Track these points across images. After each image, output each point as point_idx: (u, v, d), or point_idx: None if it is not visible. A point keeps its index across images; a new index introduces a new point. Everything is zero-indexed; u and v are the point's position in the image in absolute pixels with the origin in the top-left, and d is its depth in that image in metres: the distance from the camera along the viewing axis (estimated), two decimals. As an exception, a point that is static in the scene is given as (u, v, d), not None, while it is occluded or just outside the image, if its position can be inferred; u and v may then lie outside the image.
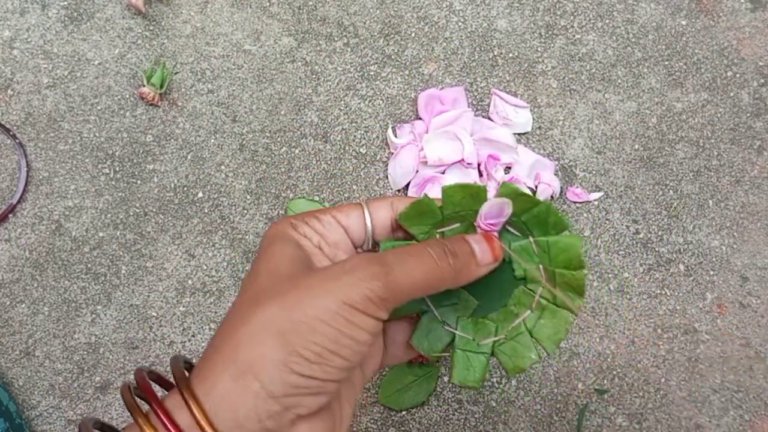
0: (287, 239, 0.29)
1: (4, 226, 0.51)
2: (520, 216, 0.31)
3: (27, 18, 0.55)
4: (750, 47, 0.58)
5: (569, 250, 0.30)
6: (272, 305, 0.25)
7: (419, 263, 0.27)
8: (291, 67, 0.56)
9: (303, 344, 0.24)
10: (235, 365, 0.24)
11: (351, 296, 0.25)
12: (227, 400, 0.24)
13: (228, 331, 0.26)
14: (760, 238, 0.55)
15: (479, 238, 0.30)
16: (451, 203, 0.30)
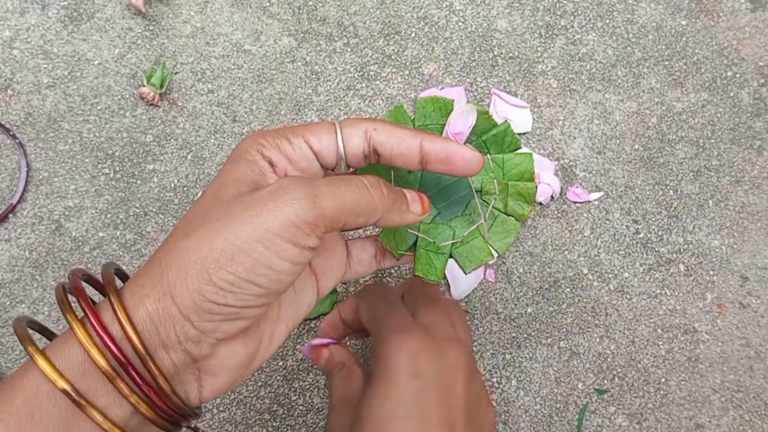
0: (246, 159, 0.28)
1: (4, 226, 0.51)
2: (480, 136, 0.35)
3: (27, 18, 0.55)
4: (750, 47, 0.58)
5: (521, 165, 0.35)
6: (201, 231, 0.25)
7: (351, 189, 0.27)
8: (291, 67, 0.56)
9: (217, 273, 0.24)
10: (160, 287, 0.25)
11: (272, 222, 0.25)
12: (152, 318, 0.25)
13: (159, 254, 0.26)
14: (760, 238, 0.55)
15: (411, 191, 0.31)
16: (422, 115, 0.34)
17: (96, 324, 0.25)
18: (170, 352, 0.25)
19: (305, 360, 0.51)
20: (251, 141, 0.29)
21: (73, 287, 0.27)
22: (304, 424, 0.50)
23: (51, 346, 0.26)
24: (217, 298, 0.25)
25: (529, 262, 0.53)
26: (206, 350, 0.26)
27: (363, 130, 0.30)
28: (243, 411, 0.50)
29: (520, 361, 0.52)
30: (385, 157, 0.30)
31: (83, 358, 0.25)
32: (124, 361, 0.25)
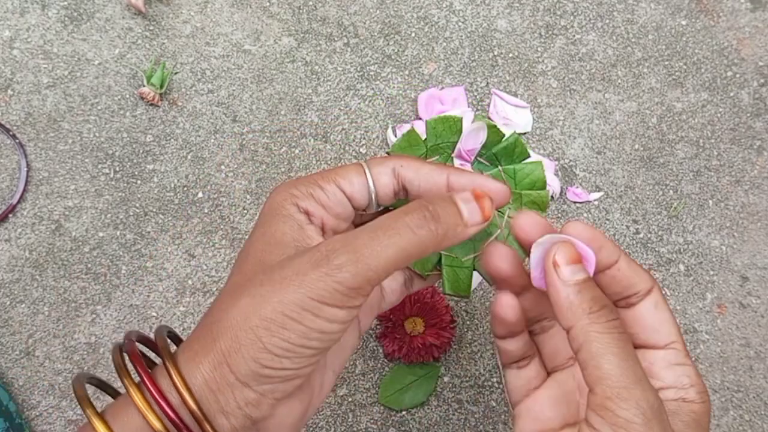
0: (284, 214, 0.29)
1: (4, 226, 0.51)
2: (490, 148, 0.36)
3: (27, 18, 0.55)
4: (750, 47, 0.58)
5: (532, 174, 0.36)
6: (246, 300, 0.26)
7: (393, 239, 0.26)
8: (291, 67, 0.56)
9: (271, 341, 0.25)
10: (214, 355, 0.25)
11: (318, 291, 0.25)
12: (209, 386, 0.25)
13: (211, 319, 0.27)
14: (760, 238, 0.55)
15: (468, 197, 0.29)
16: (434, 135, 0.35)
17: (154, 390, 0.25)
18: (230, 418, 0.26)
19: (305, 360, 0.51)
20: (285, 194, 0.29)
21: (128, 352, 0.28)
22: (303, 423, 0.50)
23: (110, 411, 0.26)
24: (274, 364, 0.25)
25: (529, 262, 0.53)
26: (266, 411, 0.27)
27: (390, 168, 0.30)
28: (243, 411, 0.50)
29: (520, 361, 0.52)
30: (413, 193, 0.30)
31: (141, 424, 0.25)
32: (181, 426, 0.25)
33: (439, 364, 0.51)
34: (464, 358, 0.52)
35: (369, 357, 0.51)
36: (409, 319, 0.50)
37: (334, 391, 0.51)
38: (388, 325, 0.50)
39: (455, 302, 0.52)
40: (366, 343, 0.52)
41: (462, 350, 0.52)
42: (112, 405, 0.27)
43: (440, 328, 0.50)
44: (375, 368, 0.51)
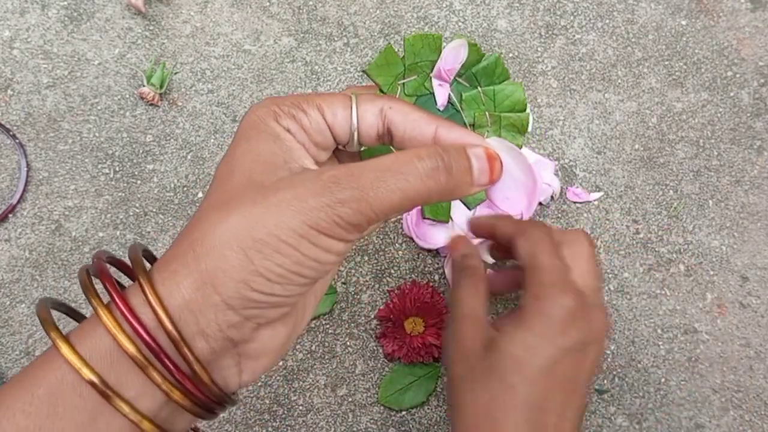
0: (266, 131, 0.27)
1: (4, 226, 0.51)
2: (470, 68, 0.33)
3: (27, 18, 0.55)
4: (750, 47, 0.58)
5: (513, 96, 0.34)
6: (237, 219, 0.24)
7: (401, 183, 0.25)
8: (291, 67, 0.56)
9: (264, 264, 0.24)
10: (198, 275, 0.24)
11: (317, 221, 0.24)
12: (189, 307, 0.24)
13: (193, 236, 0.25)
14: (760, 238, 0.55)
15: (481, 154, 0.28)
16: (412, 53, 0.33)
17: (125, 310, 0.24)
18: (209, 340, 0.24)
19: (305, 360, 0.51)
20: (266, 109, 0.27)
21: (97, 270, 0.26)
22: (304, 424, 0.50)
23: (76, 333, 0.24)
24: (264, 288, 0.24)
25: (529, 262, 0.53)
26: (247, 334, 0.25)
27: (379, 108, 0.28)
28: (243, 411, 0.50)
29: (520, 361, 0.52)
30: (397, 139, 0.29)
31: (110, 346, 0.24)
32: (158, 350, 0.23)
33: (439, 364, 0.51)
34: (464, 358, 0.52)
35: (369, 357, 0.51)
36: (409, 319, 0.50)
37: (335, 391, 0.51)
38: (388, 325, 0.50)
39: (455, 302, 0.52)
40: (366, 343, 0.52)
41: (462, 350, 0.52)
42: (78, 327, 0.25)
43: (440, 328, 0.50)
44: (375, 368, 0.51)
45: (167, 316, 0.23)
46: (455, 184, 0.26)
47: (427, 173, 0.25)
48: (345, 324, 0.52)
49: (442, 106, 0.34)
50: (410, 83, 0.34)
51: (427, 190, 0.25)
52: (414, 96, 0.33)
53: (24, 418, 0.22)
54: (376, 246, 0.53)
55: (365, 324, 0.52)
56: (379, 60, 0.33)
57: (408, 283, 0.52)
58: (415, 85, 0.34)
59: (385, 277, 0.53)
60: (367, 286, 0.52)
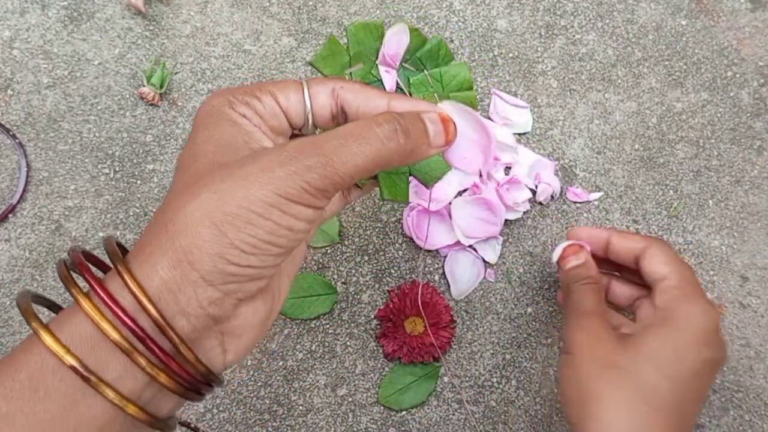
0: (224, 118, 0.28)
1: (4, 226, 0.51)
2: (415, 53, 0.34)
3: (27, 18, 0.55)
4: (750, 47, 0.58)
5: (459, 76, 0.35)
6: (207, 195, 0.25)
7: (363, 147, 0.26)
8: (291, 67, 0.56)
9: (238, 236, 0.24)
10: (173, 254, 0.24)
11: (286, 189, 0.25)
12: (168, 287, 0.24)
13: (164, 218, 0.25)
14: (760, 238, 0.55)
15: (435, 118, 0.29)
16: (356, 42, 0.34)
17: (104, 295, 0.24)
18: (191, 318, 0.25)
19: (305, 360, 0.51)
20: (221, 99, 0.28)
21: (74, 262, 0.26)
22: (304, 424, 0.50)
23: (55, 321, 0.25)
24: (240, 260, 0.24)
25: (529, 262, 0.53)
26: (228, 310, 0.26)
27: (330, 88, 0.29)
28: (243, 411, 0.50)
29: (520, 361, 0.52)
30: (351, 117, 0.30)
31: (91, 332, 0.24)
32: (141, 334, 0.24)
33: (439, 364, 0.51)
34: (464, 358, 0.52)
35: (369, 357, 0.51)
36: (409, 319, 0.50)
37: (335, 391, 0.51)
38: (388, 325, 0.50)
39: (455, 302, 0.52)
40: (366, 343, 0.52)
41: (462, 350, 0.52)
42: (57, 316, 0.25)
43: (440, 328, 0.50)
44: (375, 368, 0.51)
45: (146, 297, 0.24)
46: (413, 146, 0.28)
47: (386, 136, 0.27)
48: (345, 324, 0.52)
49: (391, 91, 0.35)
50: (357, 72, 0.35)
51: (387, 151, 0.27)
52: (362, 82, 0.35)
53: (5, 403, 0.22)
54: (376, 246, 0.53)
55: (365, 324, 0.52)
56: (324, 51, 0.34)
57: (408, 283, 0.52)
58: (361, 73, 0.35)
59: (385, 277, 0.53)
60: (367, 286, 0.52)
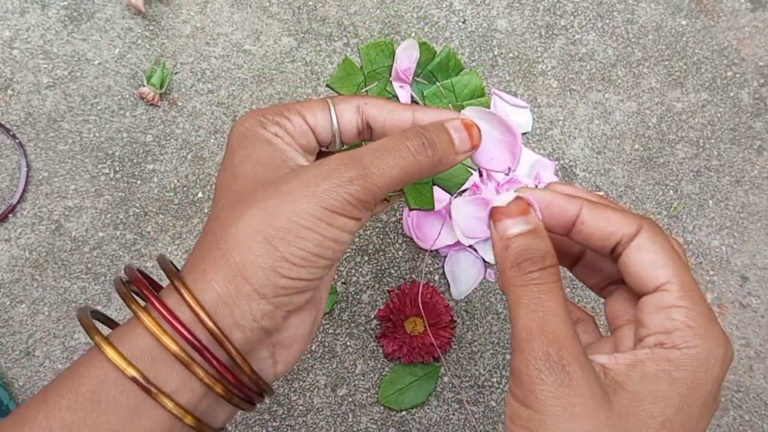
0: (259, 138, 0.29)
1: (4, 226, 0.51)
2: (425, 66, 0.36)
3: (27, 18, 0.55)
4: (750, 47, 0.58)
5: (470, 84, 0.37)
6: (255, 212, 0.26)
7: (397, 160, 0.27)
8: (291, 67, 0.56)
9: (288, 250, 0.25)
10: (227, 269, 0.25)
11: (331, 202, 0.26)
12: (223, 300, 0.25)
13: (213, 237, 0.27)
14: (760, 238, 0.55)
15: (458, 126, 0.30)
16: (369, 61, 0.35)
17: (163, 310, 0.25)
18: (245, 331, 0.26)
19: (305, 360, 0.51)
20: (253, 120, 0.30)
21: (131, 279, 0.28)
22: (304, 424, 0.50)
23: (115, 335, 0.26)
24: (291, 273, 0.26)
25: (529, 262, 0.53)
26: (279, 323, 0.27)
27: (355, 105, 0.31)
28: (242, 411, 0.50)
29: (520, 361, 0.52)
30: (377, 131, 0.31)
31: (151, 345, 0.25)
32: (199, 346, 0.25)
33: (439, 364, 0.51)
34: (464, 358, 0.52)
35: (369, 357, 0.51)
36: (409, 319, 0.50)
37: (335, 391, 0.51)
38: (388, 326, 0.50)
39: (455, 302, 0.52)
40: (366, 343, 0.52)
41: (462, 350, 0.52)
42: (116, 330, 0.26)
43: (440, 328, 0.50)
44: (375, 368, 0.51)
45: (204, 311, 0.25)
46: (441, 156, 0.29)
47: (416, 150, 0.28)
48: (345, 324, 0.52)
49: None
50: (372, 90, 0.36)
51: (419, 164, 0.28)
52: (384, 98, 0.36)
53: (69, 414, 0.24)
54: (376, 246, 0.53)
55: (365, 324, 0.52)
56: (340, 72, 0.35)
57: (408, 283, 0.52)
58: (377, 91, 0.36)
59: (385, 277, 0.53)
60: (367, 286, 0.52)
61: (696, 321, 0.26)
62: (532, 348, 0.25)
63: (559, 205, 0.28)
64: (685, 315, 0.26)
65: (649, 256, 0.27)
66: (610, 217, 0.27)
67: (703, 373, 0.25)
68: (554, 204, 0.28)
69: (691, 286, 0.26)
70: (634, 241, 0.27)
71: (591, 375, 0.25)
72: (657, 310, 0.26)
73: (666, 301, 0.26)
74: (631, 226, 0.27)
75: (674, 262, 0.27)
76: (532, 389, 0.24)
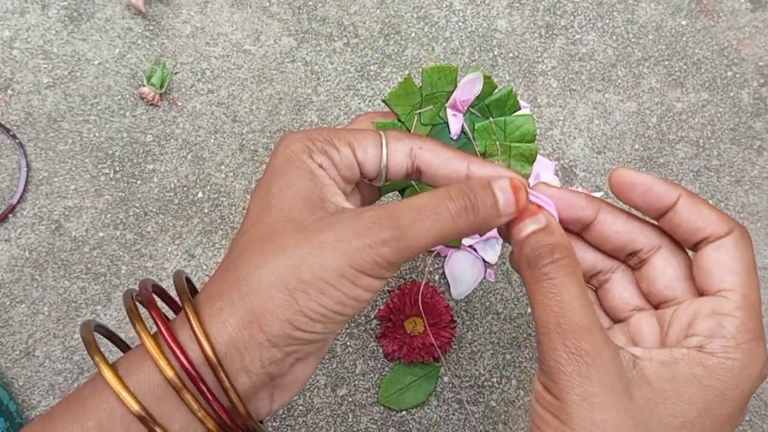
0: (302, 167, 0.28)
1: (4, 226, 0.51)
2: (483, 99, 0.36)
3: (27, 18, 0.55)
4: (750, 47, 0.58)
5: (523, 127, 0.36)
6: (283, 261, 0.25)
7: (435, 223, 0.26)
8: (291, 67, 0.56)
9: (308, 305, 0.25)
10: (244, 313, 0.25)
11: (359, 261, 0.25)
12: (235, 345, 0.25)
13: (236, 275, 0.26)
14: (760, 238, 0.55)
15: (506, 187, 0.28)
16: (429, 84, 0.35)
17: (174, 346, 0.25)
18: (251, 375, 0.26)
19: (305, 360, 0.51)
20: (300, 145, 0.28)
21: (144, 298, 0.27)
22: (304, 424, 0.50)
23: (123, 364, 0.26)
24: (307, 327, 0.25)
25: (529, 262, 0.53)
26: (286, 369, 0.27)
27: (409, 147, 0.30)
28: (243, 411, 0.50)
29: (520, 361, 0.52)
30: (428, 177, 0.30)
31: (159, 382, 0.25)
32: (205, 390, 0.25)
33: (439, 364, 0.51)
34: (464, 358, 0.52)
35: (369, 357, 0.51)
36: (409, 319, 0.50)
37: (335, 391, 0.51)
38: (388, 325, 0.50)
39: (455, 302, 0.52)
40: (366, 343, 0.52)
41: (462, 350, 0.52)
42: (124, 358, 0.26)
43: (440, 328, 0.50)
44: (375, 368, 0.51)
45: (215, 354, 0.25)
46: (482, 220, 0.27)
47: (457, 212, 0.27)
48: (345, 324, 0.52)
49: (455, 135, 0.36)
50: (426, 113, 0.36)
51: (457, 228, 0.27)
52: (429, 125, 0.36)
53: None
54: (376, 246, 0.53)
55: (365, 324, 0.52)
56: (399, 90, 0.35)
57: (408, 283, 0.52)
58: (430, 114, 0.36)
59: (385, 277, 0.53)
60: (367, 286, 0.53)
61: (743, 335, 0.26)
62: (550, 340, 0.26)
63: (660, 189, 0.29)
64: (735, 326, 0.26)
65: (726, 259, 0.28)
66: (704, 212, 0.28)
67: (734, 387, 0.25)
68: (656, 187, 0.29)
69: (752, 301, 0.27)
70: (717, 242, 0.28)
71: (612, 365, 0.25)
72: (710, 314, 0.27)
73: (723, 307, 0.26)
74: (722, 227, 0.28)
75: (747, 273, 0.28)
76: (552, 378, 0.25)
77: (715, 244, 0.28)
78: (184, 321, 0.26)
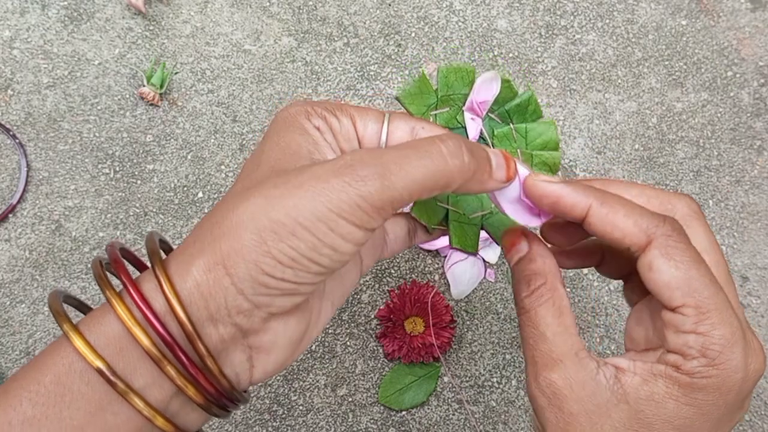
0: (297, 126, 0.27)
1: (4, 226, 0.51)
2: (503, 104, 0.34)
3: (27, 18, 0.55)
4: (750, 47, 0.58)
5: (545, 135, 0.35)
6: (256, 199, 0.23)
7: (425, 161, 0.24)
8: (291, 67, 0.56)
9: (277, 246, 0.23)
10: (211, 256, 0.23)
11: (338, 203, 0.23)
12: (201, 290, 0.23)
13: (212, 220, 0.24)
14: (760, 238, 0.55)
15: (497, 152, 0.27)
16: (445, 84, 0.34)
17: (137, 296, 0.23)
18: (218, 326, 0.24)
19: (305, 360, 0.51)
20: (300, 108, 0.27)
21: (110, 260, 0.25)
22: (304, 424, 0.50)
23: (85, 321, 0.24)
24: (275, 272, 0.23)
25: (529, 262, 0.53)
26: (257, 324, 0.24)
27: (411, 127, 0.28)
28: (243, 411, 0.50)
29: (520, 361, 0.52)
30: None
31: (121, 334, 0.23)
32: (170, 341, 0.23)
33: (439, 364, 0.51)
34: (464, 358, 0.52)
35: (369, 357, 0.51)
36: (409, 319, 0.50)
37: (335, 391, 0.51)
38: (388, 325, 0.50)
39: (455, 302, 0.52)
40: (366, 343, 0.52)
41: (462, 350, 0.52)
42: (88, 316, 0.24)
43: (440, 328, 0.50)
44: (375, 368, 0.51)
45: (178, 300, 0.23)
46: (476, 168, 0.25)
47: (451, 152, 0.24)
48: (345, 324, 0.52)
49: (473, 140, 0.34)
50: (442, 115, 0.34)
51: (449, 169, 0.24)
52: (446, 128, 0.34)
53: (31, 407, 0.22)
54: (376, 246, 0.53)
55: (365, 324, 0.52)
56: (413, 89, 0.33)
57: (408, 283, 0.52)
58: (447, 117, 0.34)
59: (385, 277, 0.53)
60: (367, 286, 0.53)
61: (713, 349, 0.24)
62: (528, 374, 0.27)
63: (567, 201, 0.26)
64: (701, 344, 0.24)
65: (660, 277, 0.25)
66: (619, 221, 0.25)
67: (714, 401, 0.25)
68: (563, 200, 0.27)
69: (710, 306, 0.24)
70: (644, 257, 0.25)
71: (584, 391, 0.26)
72: (676, 332, 0.25)
73: (683, 325, 0.25)
74: (640, 237, 0.25)
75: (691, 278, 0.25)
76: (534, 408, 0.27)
77: (644, 261, 0.25)
78: (151, 274, 0.24)
